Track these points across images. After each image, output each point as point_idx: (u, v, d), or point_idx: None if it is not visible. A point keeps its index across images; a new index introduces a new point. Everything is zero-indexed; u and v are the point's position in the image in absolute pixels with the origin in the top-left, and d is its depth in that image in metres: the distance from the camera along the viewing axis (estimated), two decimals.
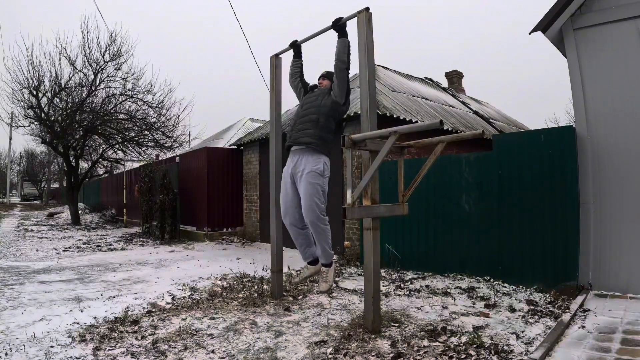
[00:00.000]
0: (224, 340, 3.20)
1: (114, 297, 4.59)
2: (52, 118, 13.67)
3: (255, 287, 4.80)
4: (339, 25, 3.67)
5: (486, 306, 4.04)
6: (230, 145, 11.74)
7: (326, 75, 4.04)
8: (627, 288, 4.25)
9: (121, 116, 14.32)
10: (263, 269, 5.99)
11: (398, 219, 5.60)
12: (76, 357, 2.88)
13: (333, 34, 3.80)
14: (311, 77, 4.23)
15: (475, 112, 11.59)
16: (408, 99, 8.94)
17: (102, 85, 13.92)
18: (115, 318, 3.74)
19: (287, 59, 4.40)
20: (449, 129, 7.75)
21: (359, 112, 3.60)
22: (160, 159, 13.98)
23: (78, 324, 3.60)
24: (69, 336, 3.28)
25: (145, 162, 13.78)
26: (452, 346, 2.99)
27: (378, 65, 10.03)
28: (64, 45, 13.56)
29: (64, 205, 20.97)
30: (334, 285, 3.74)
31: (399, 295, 4.54)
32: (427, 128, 2.86)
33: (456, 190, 5.47)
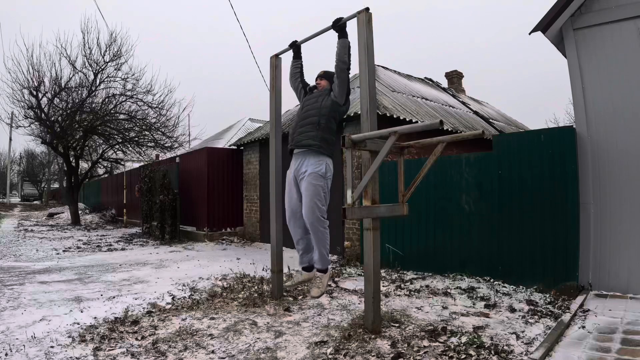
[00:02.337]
0: (224, 340, 3.20)
1: (114, 297, 4.59)
2: (52, 118, 13.66)
3: (255, 288, 4.80)
4: (338, 26, 3.67)
5: (486, 306, 4.04)
6: (230, 146, 11.74)
7: (323, 75, 4.00)
8: (627, 288, 4.26)
9: (121, 116, 14.30)
10: (263, 269, 6.00)
11: (398, 219, 5.60)
12: (76, 358, 2.88)
13: (333, 35, 3.80)
14: (311, 77, 4.23)
15: (475, 112, 11.58)
16: (408, 99, 8.93)
17: (102, 86, 13.93)
18: (115, 318, 3.74)
19: (287, 59, 4.41)
20: (449, 129, 7.74)
21: (359, 112, 3.60)
22: (160, 159, 13.98)
23: (78, 324, 3.60)
24: (69, 336, 3.29)
25: (146, 163, 13.77)
26: (452, 346, 2.99)
27: (378, 66, 10.02)
28: (64, 45, 13.55)
29: (64, 205, 20.96)
30: (327, 289, 3.76)
31: (399, 295, 4.54)
32: (427, 128, 2.86)
33: (456, 190, 5.47)
